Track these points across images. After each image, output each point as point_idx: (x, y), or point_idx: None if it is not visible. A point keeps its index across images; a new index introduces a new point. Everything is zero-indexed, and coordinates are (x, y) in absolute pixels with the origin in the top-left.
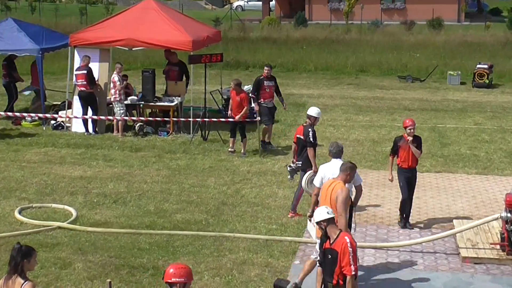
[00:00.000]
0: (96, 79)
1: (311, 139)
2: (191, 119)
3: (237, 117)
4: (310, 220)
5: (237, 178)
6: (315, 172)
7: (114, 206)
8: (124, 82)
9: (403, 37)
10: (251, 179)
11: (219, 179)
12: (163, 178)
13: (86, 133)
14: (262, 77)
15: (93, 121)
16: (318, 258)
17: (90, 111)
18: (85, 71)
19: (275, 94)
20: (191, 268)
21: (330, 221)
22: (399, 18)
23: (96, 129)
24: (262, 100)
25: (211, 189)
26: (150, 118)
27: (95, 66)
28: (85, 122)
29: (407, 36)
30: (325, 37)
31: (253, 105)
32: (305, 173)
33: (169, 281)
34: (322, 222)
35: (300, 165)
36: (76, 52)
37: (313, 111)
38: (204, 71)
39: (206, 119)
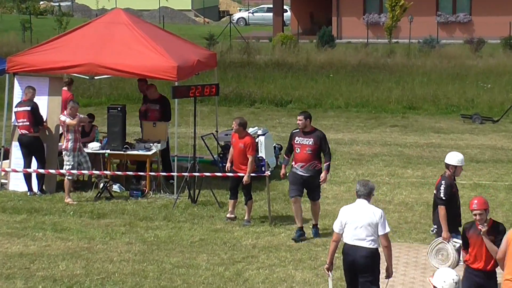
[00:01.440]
0: (43, 119)
1: (442, 195)
2: (175, 173)
3: (245, 178)
4: (329, 274)
5: (238, 256)
6: (446, 239)
7: None
8: (77, 120)
9: (468, 61)
10: (258, 256)
11: (213, 257)
12: (135, 256)
13: (29, 193)
14: (297, 130)
15: (39, 176)
16: None
17: (34, 163)
18: (28, 108)
19: (317, 160)
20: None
21: None
22: (462, 35)
23: (43, 188)
24: (293, 163)
25: (202, 270)
26: (119, 173)
27: (42, 101)
28: (27, 177)
29: (474, 60)
30: (360, 62)
31: (261, 153)
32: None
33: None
34: None
35: (435, 228)
36: (16, 82)
37: (452, 158)
38: (193, 108)
39: (196, 174)
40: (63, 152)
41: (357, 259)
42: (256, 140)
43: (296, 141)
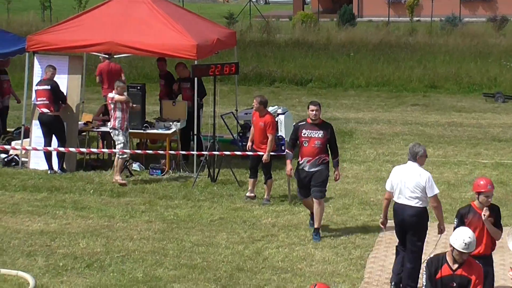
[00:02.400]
0: (65, 97)
1: None
2: (194, 153)
3: (265, 156)
4: (383, 228)
5: (257, 234)
6: None
7: (88, 272)
8: (126, 96)
9: (491, 39)
10: (278, 235)
11: (233, 235)
12: (155, 234)
13: (49, 171)
14: (303, 122)
15: (59, 155)
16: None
17: (55, 141)
18: (48, 87)
19: (324, 154)
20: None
21: None
22: (485, 12)
23: (64, 166)
24: (299, 158)
25: (221, 249)
26: (138, 151)
27: (62, 80)
28: (48, 156)
29: (497, 38)
30: (381, 41)
31: (280, 132)
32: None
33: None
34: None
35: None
36: (36, 60)
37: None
38: (213, 87)
39: (216, 153)
40: (112, 131)
41: (405, 217)
42: (276, 119)
43: (304, 134)
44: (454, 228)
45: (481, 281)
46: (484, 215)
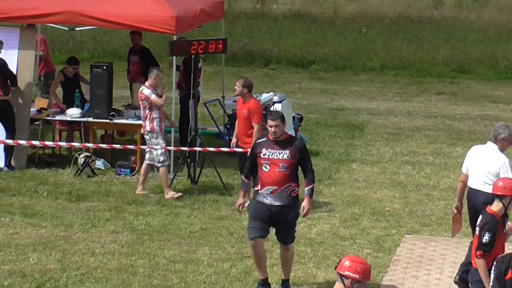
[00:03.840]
0: (16, 78)
1: None
2: (171, 148)
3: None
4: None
5: (247, 250)
6: None
7: None
8: (164, 100)
9: None
10: (272, 251)
11: (217, 250)
12: (122, 247)
13: None
14: (263, 139)
15: (6, 148)
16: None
17: (1, 132)
18: None
19: (293, 181)
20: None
21: None
22: None
23: (11, 162)
24: (257, 187)
25: (203, 267)
26: (103, 145)
27: (11, 56)
28: None
29: None
30: (399, 14)
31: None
32: None
33: (341, 273)
34: None
35: None
36: None
37: None
38: (193, 68)
39: (197, 149)
40: (147, 135)
41: (477, 204)
42: (272, 109)
43: (264, 154)
44: None
45: None
46: (508, 227)
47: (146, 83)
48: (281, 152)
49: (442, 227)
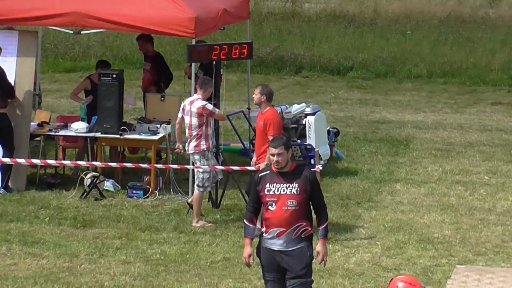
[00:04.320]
0: (13, 89)
1: None
2: (190, 167)
3: (262, 165)
4: None
5: None
6: None
7: None
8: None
9: None
10: None
11: (243, 283)
12: (134, 280)
13: None
14: (266, 172)
15: (4, 168)
16: None
17: None
18: None
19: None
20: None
21: None
22: None
23: (9, 184)
24: (263, 230)
25: None
26: (113, 164)
27: (10, 64)
28: None
29: None
30: (449, 13)
31: (309, 140)
32: None
33: None
34: None
35: None
36: None
37: None
38: (214, 76)
39: (219, 167)
40: (198, 155)
41: None
42: (304, 122)
43: (268, 190)
44: None
45: None
46: None
47: (199, 95)
48: (289, 186)
49: (499, 256)
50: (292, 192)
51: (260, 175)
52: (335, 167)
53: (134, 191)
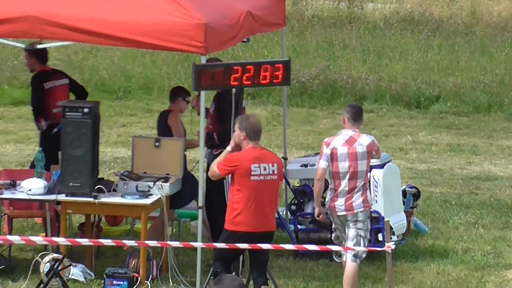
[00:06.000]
0: None
1: None
2: (198, 244)
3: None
4: None
5: None
6: None
7: None
8: None
9: None
10: None
11: None
12: None
13: None
14: None
15: None
16: None
17: None
18: None
19: None
20: None
21: None
22: None
23: None
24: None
25: None
26: (83, 240)
27: None
28: None
29: None
30: None
31: (375, 205)
32: None
33: None
34: None
35: None
36: None
37: None
38: (233, 109)
39: (243, 246)
40: (362, 216)
41: None
42: (369, 177)
43: None
44: None
45: None
46: None
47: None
48: None
49: None
50: None
51: None
52: (414, 245)
53: (114, 281)
